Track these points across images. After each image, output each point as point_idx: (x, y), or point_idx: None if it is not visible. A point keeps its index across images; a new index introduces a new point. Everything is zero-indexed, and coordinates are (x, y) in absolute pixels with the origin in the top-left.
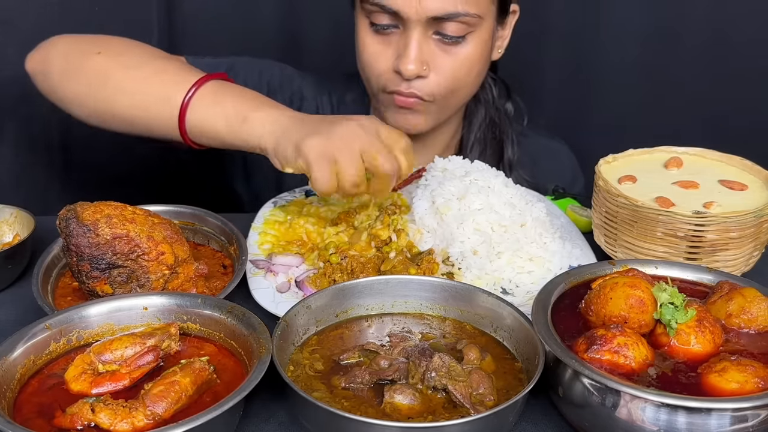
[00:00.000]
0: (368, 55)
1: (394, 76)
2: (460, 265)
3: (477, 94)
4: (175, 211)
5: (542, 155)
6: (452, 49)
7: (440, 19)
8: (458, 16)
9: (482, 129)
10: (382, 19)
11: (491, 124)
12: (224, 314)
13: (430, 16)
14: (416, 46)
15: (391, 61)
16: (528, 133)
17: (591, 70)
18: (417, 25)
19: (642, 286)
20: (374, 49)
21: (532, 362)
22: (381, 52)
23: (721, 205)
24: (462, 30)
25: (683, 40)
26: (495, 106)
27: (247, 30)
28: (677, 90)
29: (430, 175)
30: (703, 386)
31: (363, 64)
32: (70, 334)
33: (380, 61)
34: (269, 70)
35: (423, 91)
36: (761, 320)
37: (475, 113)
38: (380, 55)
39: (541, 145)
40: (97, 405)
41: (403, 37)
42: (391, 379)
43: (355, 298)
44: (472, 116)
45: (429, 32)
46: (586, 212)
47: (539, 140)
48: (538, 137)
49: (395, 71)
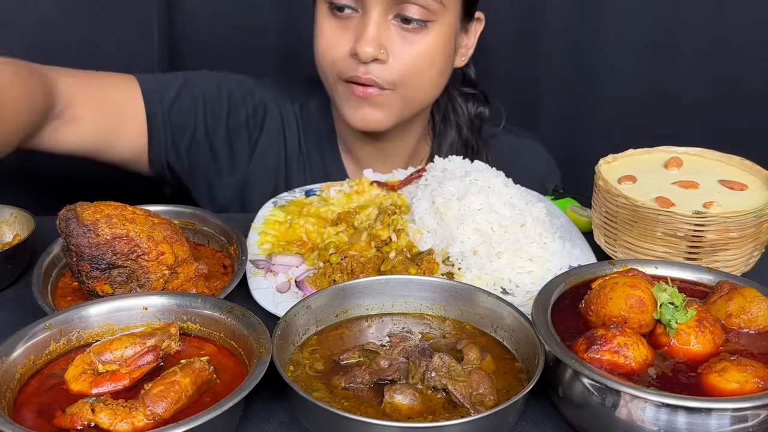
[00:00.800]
0: (325, 41)
1: (351, 61)
2: (460, 265)
3: (447, 115)
4: (175, 211)
5: (514, 154)
6: (413, 37)
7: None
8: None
9: (454, 149)
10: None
11: (465, 145)
12: (224, 314)
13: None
14: (374, 27)
15: (349, 45)
16: (497, 132)
17: (590, 71)
18: (376, 5)
19: (642, 286)
20: (332, 34)
21: (532, 362)
22: (338, 36)
23: (721, 205)
24: (424, 15)
25: (683, 44)
26: (469, 127)
27: (247, 30)
28: (677, 92)
29: (430, 175)
30: (703, 386)
31: (319, 51)
32: (70, 334)
33: (337, 46)
34: (227, 84)
35: (381, 77)
36: (761, 320)
37: (445, 135)
38: (338, 40)
39: (512, 143)
40: (97, 405)
41: (362, 20)
42: (391, 379)
43: (355, 298)
44: (442, 138)
45: (389, 16)
46: (586, 212)
47: (509, 139)
48: (507, 136)
49: (352, 55)
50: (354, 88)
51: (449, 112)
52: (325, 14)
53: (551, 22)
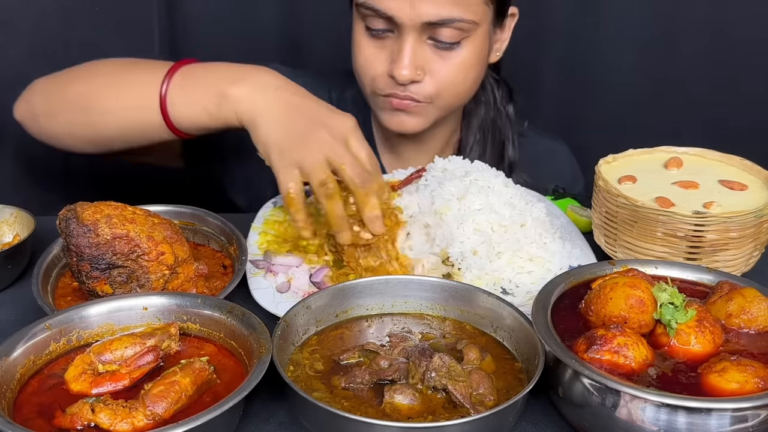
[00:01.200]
0: (363, 58)
1: (389, 81)
2: (460, 265)
3: (477, 95)
4: (175, 211)
5: (542, 156)
6: (447, 54)
7: (435, 24)
8: (453, 22)
9: (482, 129)
10: (376, 24)
11: (492, 126)
12: (224, 314)
13: (424, 21)
14: (410, 51)
15: (386, 65)
16: (528, 133)
17: (590, 70)
18: (411, 30)
19: (642, 286)
20: (369, 52)
21: (532, 362)
22: (376, 55)
23: (721, 205)
24: (456, 36)
25: (683, 41)
26: (496, 107)
27: (247, 30)
28: (677, 89)
29: (430, 175)
30: (703, 386)
31: (358, 67)
32: (70, 334)
33: (375, 65)
34: None
35: (419, 94)
36: (761, 320)
37: (475, 113)
38: (375, 59)
39: (541, 146)
40: (97, 405)
41: (398, 41)
42: (391, 379)
43: (355, 298)
44: (471, 116)
45: (423, 37)
46: (586, 212)
47: (539, 141)
48: (538, 138)
49: (390, 75)
50: (392, 100)
51: (479, 92)
52: (362, 33)
53: (551, 18)
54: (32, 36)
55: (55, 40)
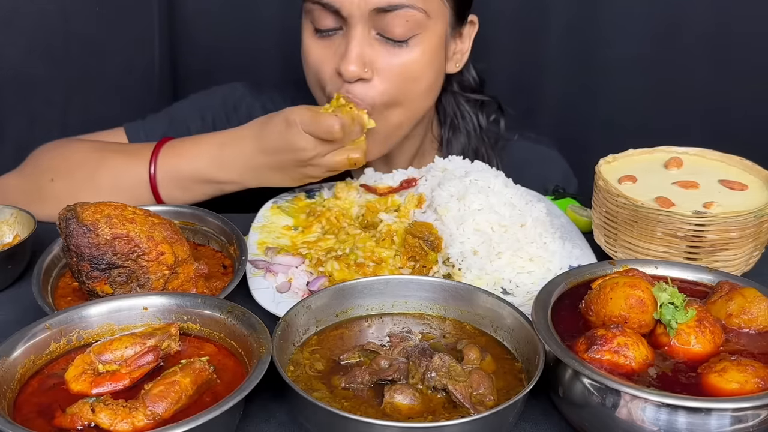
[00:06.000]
0: (312, 59)
1: (338, 80)
2: (460, 265)
3: (456, 124)
4: (175, 211)
5: (530, 161)
6: (397, 51)
7: (383, 11)
8: (401, 7)
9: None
10: (324, 21)
11: (475, 154)
12: (224, 314)
13: (371, 8)
14: (357, 44)
15: (334, 63)
16: (512, 138)
17: (591, 69)
18: (359, 21)
19: (642, 286)
20: (318, 53)
21: (532, 362)
22: (324, 55)
23: (721, 205)
24: (407, 31)
25: (686, 36)
26: (480, 135)
27: (248, 32)
28: (678, 88)
29: (430, 175)
30: (703, 386)
31: (308, 70)
32: (70, 334)
33: (324, 65)
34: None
35: (365, 97)
36: (761, 320)
37: (452, 143)
38: (323, 59)
39: (528, 150)
40: (97, 405)
41: (345, 37)
42: (391, 379)
43: (355, 298)
44: (450, 146)
45: (372, 32)
46: (586, 212)
47: (526, 145)
48: (524, 143)
49: (338, 73)
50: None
51: (457, 119)
52: (311, 34)
53: (553, 15)
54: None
55: (55, 40)
